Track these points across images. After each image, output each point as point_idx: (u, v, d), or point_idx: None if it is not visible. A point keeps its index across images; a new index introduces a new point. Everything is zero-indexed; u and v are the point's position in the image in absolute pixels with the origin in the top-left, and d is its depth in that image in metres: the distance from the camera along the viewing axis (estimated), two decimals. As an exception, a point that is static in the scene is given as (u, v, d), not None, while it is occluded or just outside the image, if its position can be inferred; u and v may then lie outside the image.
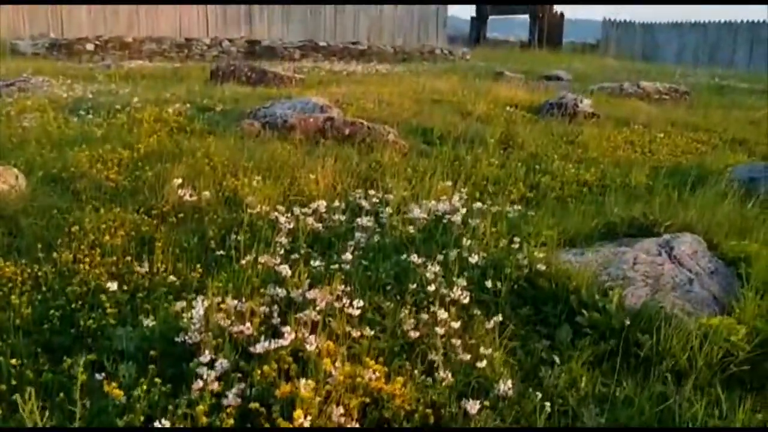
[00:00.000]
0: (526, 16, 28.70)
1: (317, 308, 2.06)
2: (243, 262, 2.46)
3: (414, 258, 2.48)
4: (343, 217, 3.16)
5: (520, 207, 3.62)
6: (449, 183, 3.96)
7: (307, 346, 1.83)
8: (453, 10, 32.54)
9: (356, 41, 20.68)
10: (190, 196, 3.21)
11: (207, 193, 3.29)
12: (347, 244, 2.90)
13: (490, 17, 30.50)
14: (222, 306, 2.03)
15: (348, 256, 2.58)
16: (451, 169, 4.52)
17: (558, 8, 29.34)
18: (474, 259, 2.53)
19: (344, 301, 2.09)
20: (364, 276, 2.51)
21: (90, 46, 14.37)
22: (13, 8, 25.99)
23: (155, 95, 7.01)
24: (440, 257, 2.66)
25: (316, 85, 9.23)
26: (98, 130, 4.89)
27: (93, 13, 26.33)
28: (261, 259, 2.49)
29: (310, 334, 1.90)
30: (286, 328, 1.90)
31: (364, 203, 3.51)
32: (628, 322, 2.21)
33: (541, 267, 2.49)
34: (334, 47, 16.59)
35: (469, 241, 2.75)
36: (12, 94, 7.46)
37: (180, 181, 3.28)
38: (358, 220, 3.14)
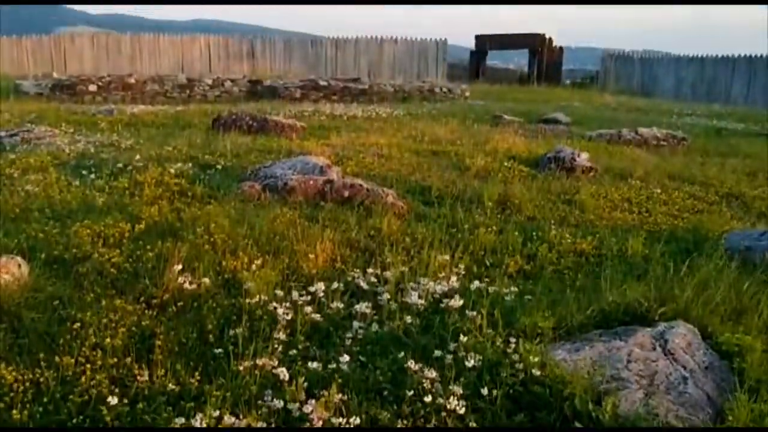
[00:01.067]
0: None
1: (314, 425, 2.09)
2: (241, 368, 2.48)
3: (411, 364, 2.51)
4: (341, 305, 3.19)
5: (516, 287, 3.64)
6: (447, 257, 4.01)
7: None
8: (454, 39, 32.88)
9: (357, 78, 20.92)
10: (190, 283, 3.25)
11: (206, 280, 3.32)
12: (345, 335, 2.95)
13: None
14: (220, 426, 2.05)
15: (345, 357, 2.61)
16: (449, 236, 4.58)
17: (557, 42, 29.71)
18: (470, 362, 2.56)
19: (340, 419, 2.12)
20: (362, 377, 2.54)
21: (93, 87, 14.52)
22: (18, 44, 26.47)
23: (157, 149, 7.09)
24: (438, 353, 2.70)
25: (317, 133, 9.34)
26: (100, 197, 4.95)
27: (96, 49, 26.77)
28: (259, 362, 2.53)
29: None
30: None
31: (362, 284, 3.56)
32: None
33: (536, 372, 2.52)
34: (334, 86, 16.74)
35: (465, 338, 2.78)
36: (15, 146, 7.57)
37: (180, 267, 3.32)
38: (357, 306, 3.18)
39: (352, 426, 2.10)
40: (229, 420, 2.08)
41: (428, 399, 2.31)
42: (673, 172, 7.52)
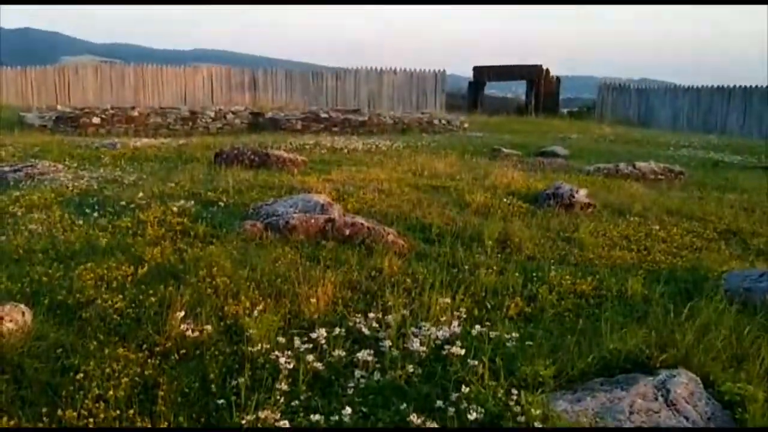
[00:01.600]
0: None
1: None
2: (244, 421, 2.49)
3: (413, 417, 2.52)
4: (343, 353, 3.20)
5: (517, 331, 3.65)
6: (448, 299, 4.03)
7: None
8: (452, 68, 33.29)
9: (357, 108, 21.13)
10: (192, 330, 3.27)
11: (209, 327, 3.34)
12: (347, 384, 2.96)
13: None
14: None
15: (348, 409, 2.62)
16: (450, 277, 4.60)
17: (554, 73, 30.04)
18: (472, 415, 2.57)
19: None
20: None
21: (96, 120, 14.66)
22: (22, 75, 26.77)
23: (160, 186, 7.15)
24: (440, 404, 2.71)
25: (318, 167, 9.41)
26: (103, 237, 4.98)
27: (100, 79, 27.04)
28: (261, 414, 2.54)
29: None
30: None
31: (364, 329, 3.58)
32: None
33: (538, 425, 2.53)
34: (335, 118, 16.90)
35: (467, 388, 2.80)
36: (20, 181, 7.63)
37: (182, 314, 3.34)
38: (359, 354, 3.19)
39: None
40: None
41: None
42: (671, 208, 7.57)
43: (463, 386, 2.83)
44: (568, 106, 36.03)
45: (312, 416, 2.59)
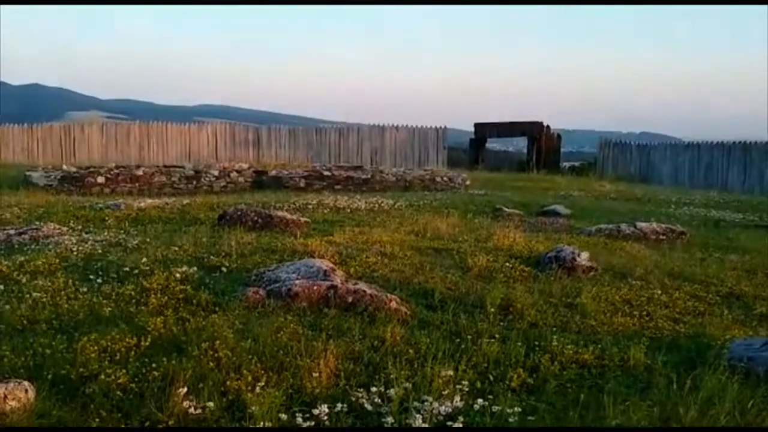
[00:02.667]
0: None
1: None
2: None
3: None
4: (345, 432, 3.20)
5: (520, 404, 3.65)
6: (451, 371, 4.03)
7: None
8: (454, 123, 33.92)
9: (359, 165, 21.39)
10: (194, 408, 3.27)
11: (211, 404, 3.34)
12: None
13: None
14: None
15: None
16: (452, 346, 4.60)
17: (555, 128, 30.50)
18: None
19: None
20: None
21: (101, 179, 14.85)
22: (28, 133, 27.23)
23: (163, 250, 7.20)
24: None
25: (321, 228, 9.50)
26: (107, 305, 5.02)
27: (105, 137, 27.48)
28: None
29: None
30: None
31: (366, 404, 3.58)
32: None
33: None
34: (337, 176, 17.10)
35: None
36: (24, 245, 7.71)
37: (185, 390, 3.35)
38: (360, 434, 3.18)
39: None
40: None
41: None
42: (673, 270, 7.58)
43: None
44: (569, 159, 36.42)
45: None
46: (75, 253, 7.08)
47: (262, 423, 3.18)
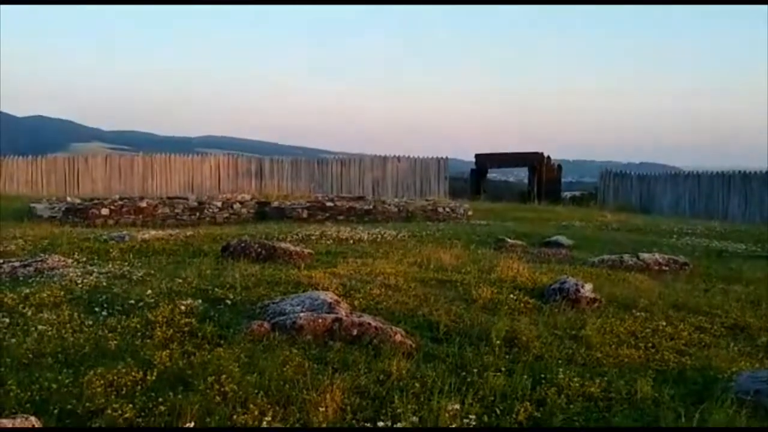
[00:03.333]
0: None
1: None
2: None
3: None
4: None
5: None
6: (457, 405, 4.03)
7: None
8: (455, 152, 34.16)
9: (361, 196, 21.48)
10: (202, 445, 3.27)
11: (219, 440, 3.34)
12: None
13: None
14: None
15: None
16: (458, 380, 4.60)
17: (555, 158, 30.66)
18: None
19: None
20: None
21: (105, 211, 14.93)
22: (33, 164, 27.42)
23: (168, 282, 7.21)
24: None
25: (324, 260, 9.51)
26: (112, 339, 5.03)
27: (109, 169, 27.65)
28: None
29: None
30: None
31: (372, 440, 3.57)
32: None
33: None
34: (340, 206, 17.16)
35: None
36: (29, 277, 7.72)
37: (192, 424, 3.35)
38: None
39: None
40: None
41: None
42: (677, 302, 7.57)
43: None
44: (570, 189, 36.54)
45: None
46: (80, 285, 7.10)
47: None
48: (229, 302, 6.50)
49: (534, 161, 29.14)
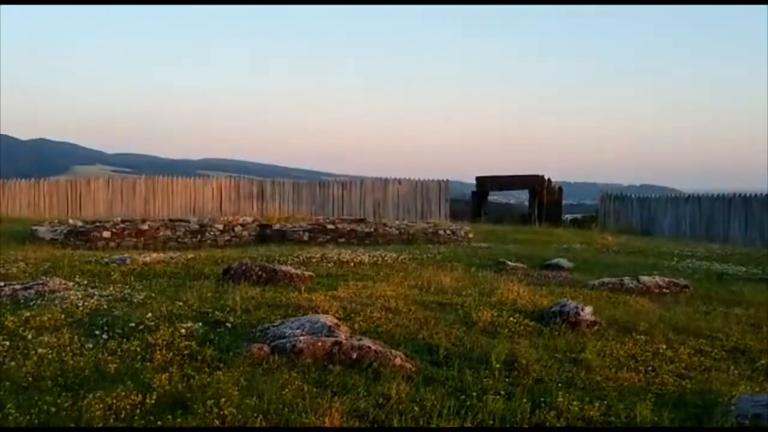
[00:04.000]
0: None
1: None
2: None
3: None
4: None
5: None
6: None
7: None
8: (455, 174, 34.34)
9: (362, 218, 21.50)
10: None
11: (217, 463, 3.34)
12: None
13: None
14: None
15: None
16: (458, 403, 4.60)
17: (556, 180, 30.76)
18: None
19: None
20: None
21: (106, 233, 14.97)
22: (35, 187, 27.53)
23: (168, 305, 7.22)
24: None
25: (325, 282, 9.51)
26: (112, 362, 5.03)
27: (111, 191, 27.77)
28: None
29: None
30: None
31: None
32: None
33: None
34: (341, 229, 17.18)
35: None
36: (30, 299, 7.73)
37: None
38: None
39: None
40: None
41: None
42: (677, 325, 7.56)
43: None
44: (570, 211, 36.59)
45: None
46: (80, 308, 7.11)
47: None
48: (229, 325, 6.50)
49: (535, 184, 29.23)
